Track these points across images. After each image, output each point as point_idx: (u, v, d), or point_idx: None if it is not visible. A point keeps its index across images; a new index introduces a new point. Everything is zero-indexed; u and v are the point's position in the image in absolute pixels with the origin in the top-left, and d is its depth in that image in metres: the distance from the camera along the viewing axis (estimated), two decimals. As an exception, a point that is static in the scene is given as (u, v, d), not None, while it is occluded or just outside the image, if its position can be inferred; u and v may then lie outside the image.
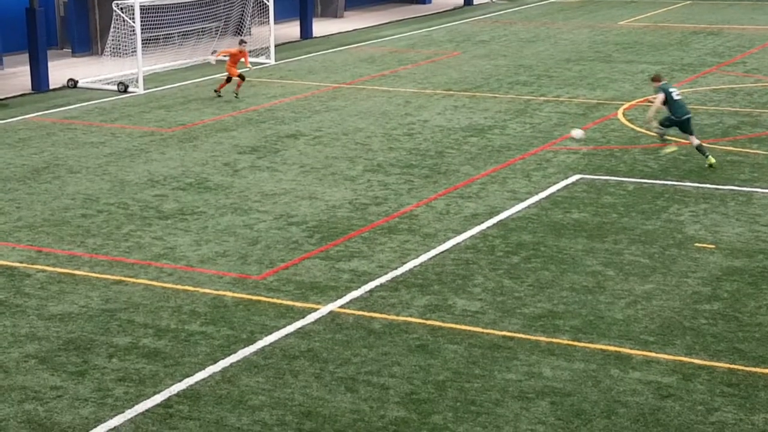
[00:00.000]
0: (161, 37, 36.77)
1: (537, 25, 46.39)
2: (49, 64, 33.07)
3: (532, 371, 13.29)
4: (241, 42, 30.62)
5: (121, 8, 32.42)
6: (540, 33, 43.68)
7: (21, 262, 17.35)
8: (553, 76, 33.63)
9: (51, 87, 32.58)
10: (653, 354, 13.74)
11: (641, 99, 28.88)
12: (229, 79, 30.38)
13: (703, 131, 25.65)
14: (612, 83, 32.03)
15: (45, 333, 14.55)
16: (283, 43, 41.36)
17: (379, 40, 42.57)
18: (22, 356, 13.86)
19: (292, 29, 44.67)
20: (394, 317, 14.96)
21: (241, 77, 30.17)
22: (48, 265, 17.17)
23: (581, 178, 21.80)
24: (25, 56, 33.39)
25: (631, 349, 13.89)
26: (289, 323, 14.76)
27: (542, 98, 30.10)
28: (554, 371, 13.28)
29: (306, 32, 43.76)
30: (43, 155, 24.35)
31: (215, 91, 30.86)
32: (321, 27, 45.80)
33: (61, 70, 34.96)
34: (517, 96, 30.53)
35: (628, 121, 26.85)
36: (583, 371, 13.28)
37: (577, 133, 22.86)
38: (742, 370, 13.31)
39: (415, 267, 16.92)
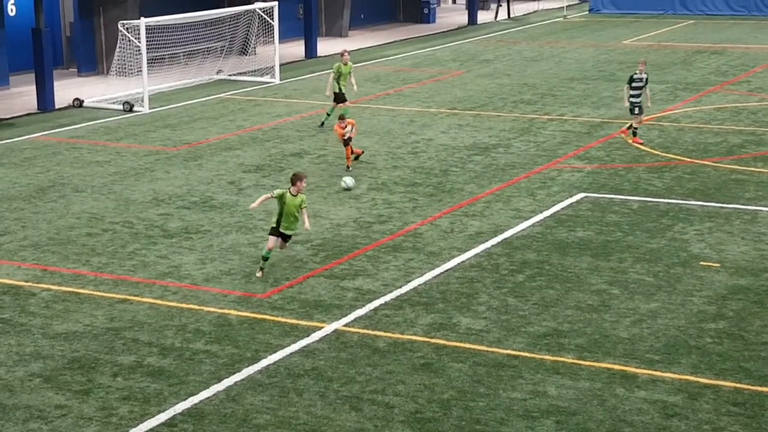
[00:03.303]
0: (166, 56, 36.89)
1: (541, 44, 46.45)
2: (55, 83, 33.17)
3: (537, 390, 13.23)
4: (341, 118, 24.51)
5: (127, 28, 32.52)
6: (544, 52, 43.72)
7: (26, 281, 17.33)
8: (557, 94, 33.64)
9: (57, 106, 32.66)
10: (659, 373, 13.68)
11: (646, 118, 28.81)
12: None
13: (707, 150, 25.66)
14: (616, 102, 31.98)
15: (50, 352, 14.52)
16: (288, 63, 41.44)
17: (384, 59, 42.64)
18: (26, 375, 13.82)
19: (296, 48, 44.76)
20: (399, 336, 14.91)
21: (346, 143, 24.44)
22: (53, 284, 17.15)
23: (585, 197, 21.77)
24: (31, 76, 33.47)
25: (636, 367, 13.83)
26: (294, 342, 14.72)
27: (546, 117, 30.10)
28: (559, 390, 13.22)
29: (311, 51, 43.86)
30: (48, 174, 24.37)
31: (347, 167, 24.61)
32: (326, 46, 45.87)
33: (66, 89, 35.03)
34: (521, 115, 30.53)
35: (632, 140, 26.81)
36: (588, 390, 13.22)
37: (348, 181, 22.00)
38: (748, 389, 13.24)
39: (419, 285, 16.88)
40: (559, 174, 23.70)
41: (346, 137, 23.96)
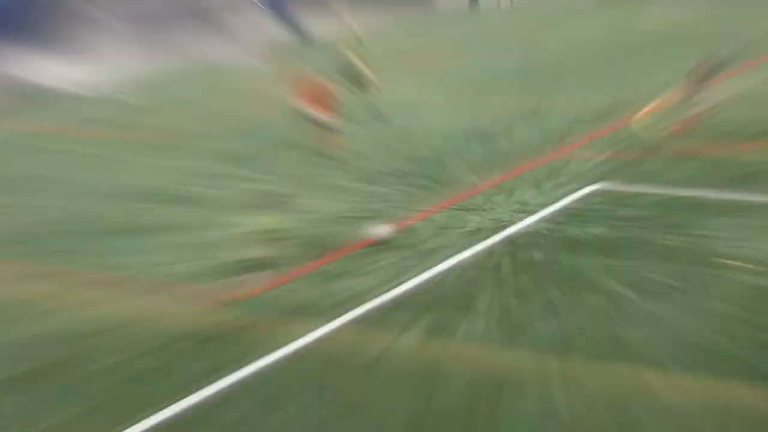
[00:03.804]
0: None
1: (546, 27, 46.37)
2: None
3: (543, 398, 13.40)
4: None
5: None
6: (549, 36, 43.68)
7: (-7, 281, 17.54)
8: (566, 78, 33.55)
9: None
10: (675, 379, 13.83)
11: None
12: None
13: (731, 137, 25.48)
14: (628, 86, 31.96)
15: (24, 356, 14.73)
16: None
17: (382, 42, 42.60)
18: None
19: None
20: (393, 340, 15.07)
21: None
22: (27, 284, 17.27)
23: (597, 189, 21.75)
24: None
25: (651, 374, 13.97)
26: (282, 345, 14.91)
27: (553, 101, 30.01)
28: (567, 398, 13.39)
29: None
30: (19, 166, 24.35)
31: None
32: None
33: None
34: (526, 99, 30.51)
35: (646, 126, 26.76)
36: (598, 398, 13.39)
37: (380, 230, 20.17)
38: (771, 396, 13.44)
39: (414, 286, 17.01)
40: (567, 163, 23.59)
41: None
